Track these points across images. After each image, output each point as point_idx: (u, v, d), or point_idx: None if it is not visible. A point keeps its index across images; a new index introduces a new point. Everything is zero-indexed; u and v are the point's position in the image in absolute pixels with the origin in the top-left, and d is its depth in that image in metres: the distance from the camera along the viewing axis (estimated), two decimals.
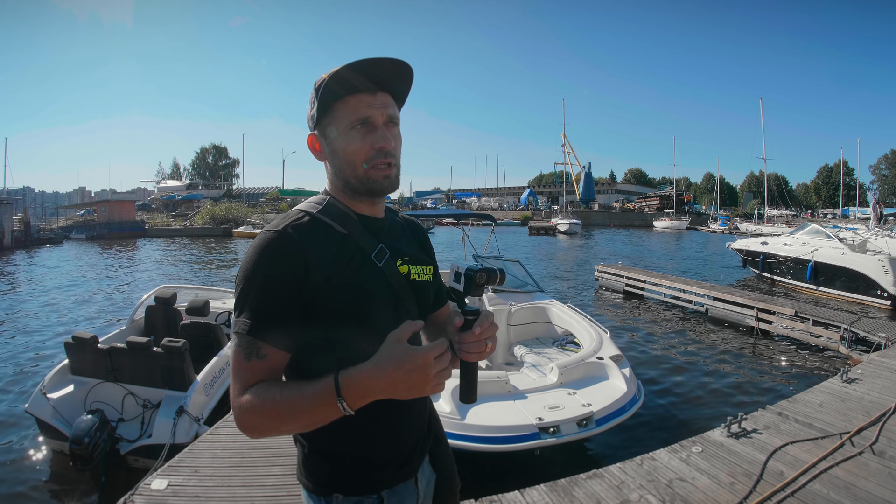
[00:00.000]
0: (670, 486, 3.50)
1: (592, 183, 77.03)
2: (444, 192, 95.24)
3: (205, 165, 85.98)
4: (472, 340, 1.16)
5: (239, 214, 48.89)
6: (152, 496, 3.49)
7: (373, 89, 1.23)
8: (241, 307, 1.15)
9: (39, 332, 10.82)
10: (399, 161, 1.31)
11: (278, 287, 1.14)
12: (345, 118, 1.24)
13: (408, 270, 1.37)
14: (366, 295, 1.24)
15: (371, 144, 1.23)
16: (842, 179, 72.47)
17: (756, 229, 45.59)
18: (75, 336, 5.35)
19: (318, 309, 1.18)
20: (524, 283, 8.38)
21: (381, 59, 1.20)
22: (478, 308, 1.19)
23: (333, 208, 1.30)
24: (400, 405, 1.20)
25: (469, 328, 1.16)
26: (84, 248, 33.54)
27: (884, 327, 8.41)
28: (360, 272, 1.25)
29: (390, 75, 1.25)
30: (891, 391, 5.17)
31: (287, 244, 1.17)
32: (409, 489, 1.39)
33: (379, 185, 1.27)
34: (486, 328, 1.17)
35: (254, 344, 1.13)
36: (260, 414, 1.08)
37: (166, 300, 6.73)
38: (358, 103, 1.22)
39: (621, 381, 5.16)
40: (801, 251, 15.46)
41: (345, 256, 1.24)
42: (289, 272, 1.15)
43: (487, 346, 1.19)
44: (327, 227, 1.26)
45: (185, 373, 5.20)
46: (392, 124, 1.28)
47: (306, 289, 1.16)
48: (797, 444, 4.04)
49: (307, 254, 1.17)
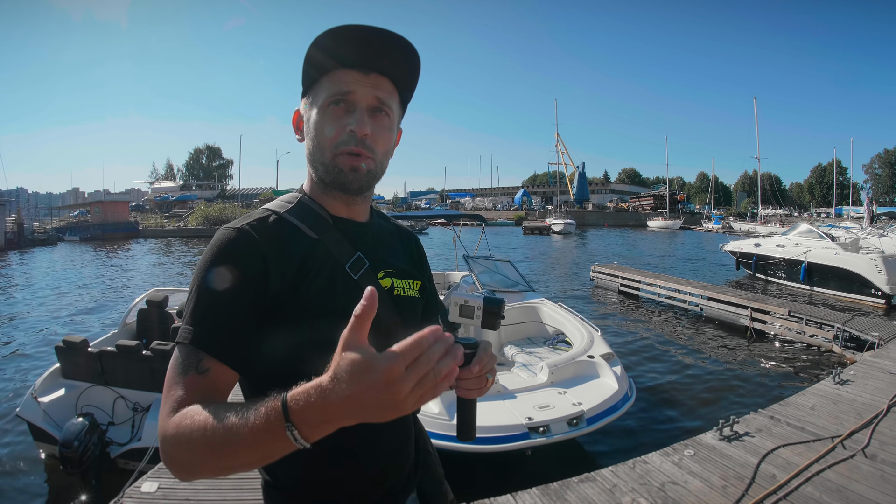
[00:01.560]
0: (662, 490, 3.49)
1: (586, 183, 77.45)
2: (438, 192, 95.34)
3: (198, 166, 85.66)
4: (472, 377, 0.99)
5: (233, 215, 48.39)
6: (142, 499, 3.46)
7: (365, 68, 1.04)
8: (187, 314, 0.96)
9: (31, 336, 10.75)
10: (379, 156, 1.09)
11: (230, 291, 0.96)
12: (324, 91, 1.06)
13: (391, 284, 1.17)
14: (335, 313, 0.92)
15: (344, 126, 1.04)
16: (835, 178, 72.88)
17: (750, 229, 45.74)
18: (66, 340, 5.33)
19: (278, 326, 0.99)
20: (515, 282, 8.36)
21: (378, 29, 1.02)
22: (476, 340, 1.01)
23: (305, 208, 1.12)
24: (370, 436, 1.07)
25: (468, 364, 0.97)
26: (78, 249, 33.43)
27: (877, 326, 8.44)
28: (330, 285, 1.05)
29: (390, 54, 1.05)
30: (883, 392, 5.17)
31: (245, 243, 1.00)
32: None
33: (343, 176, 1.06)
34: (487, 362, 1.00)
35: (194, 355, 0.92)
36: (187, 444, 0.81)
37: (158, 303, 6.72)
38: (343, 75, 1.04)
39: (612, 379, 5.14)
40: (794, 252, 15.52)
41: (313, 266, 1.05)
42: (244, 275, 0.97)
43: (488, 381, 1.03)
44: (295, 229, 1.07)
45: None
46: (379, 112, 1.07)
47: (266, 298, 0.98)
48: (789, 448, 4.03)
49: (267, 257, 1.00)
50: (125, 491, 3.53)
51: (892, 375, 5.71)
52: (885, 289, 12.81)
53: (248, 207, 56.82)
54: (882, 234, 18.09)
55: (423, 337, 0.70)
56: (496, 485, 3.75)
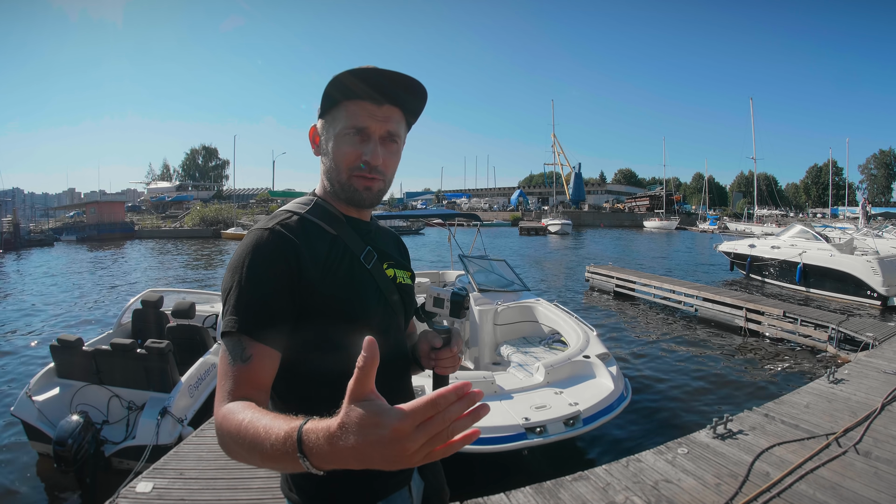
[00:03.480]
0: (656, 488, 3.49)
1: (582, 183, 77.36)
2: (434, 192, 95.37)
3: (195, 166, 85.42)
4: (450, 356, 1.25)
5: (229, 216, 48.52)
6: (137, 499, 3.47)
7: (379, 100, 1.20)
8: (229, 307, 1.09)
9: (27, 336, 10.70)
10: (389, 177, 1.29)
11: (272, 285, 1.09)
12: (342, 121, 1.21)
13: (394, 274, 1.36)
14: (358, 295, 1.22)
15: (359, 154, 1.21)
16: (831, 179, 72.95)
17: (746, 229, 45.84)
18: (60, 339, 5.32)
19: (311, 309, 1.14)
20: (510, 282, 8.35)
21: (393, 72, 1.17)
22: (448, 326, 1.28)
23: (321, 209, 1.28)
24: None
25: (448, 345, 1.25)
26: (74, 249, 33.23)
27: (871, 327, 8.47)
28: (350, 273, 1.23)
29: (403, 89, 1.22)
30: (877, 391, 5.19)
31: (280, 242, 1.13)
32: (404, 497, 1.32)
33: (358, 195, 1.26)
34: (459, 344, 1.28)
35: (239, 344, 1.05)
36: (227, 437, 0.94)
37: (153, 304, 6.74)
38: (359, 110, 1.20)
39: (608, 379, 5.13)
40: (789, 253, 15.52)
41: (335, 257, 1.22)
42: (282, 270, 1.11)
43: (458, 359, 1.29)
44: (317, 226, 1.24)
45: (169, 374, 5.21)
46: (390, 140, 1.25)
47: (299, 287, 1.12)
48: (783, 445, 4.04)
49: (300, 252, 1.14)
50: (120, 491, 3.53)
51: (887, 375, 5.73)
52: (880, 290, 12.84)
53: (244, 208, 56.88)
54: (877, 234, 18.15)
55: (440, 396, 0.70)
56: (490, 484, 3.75)
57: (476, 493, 3.46)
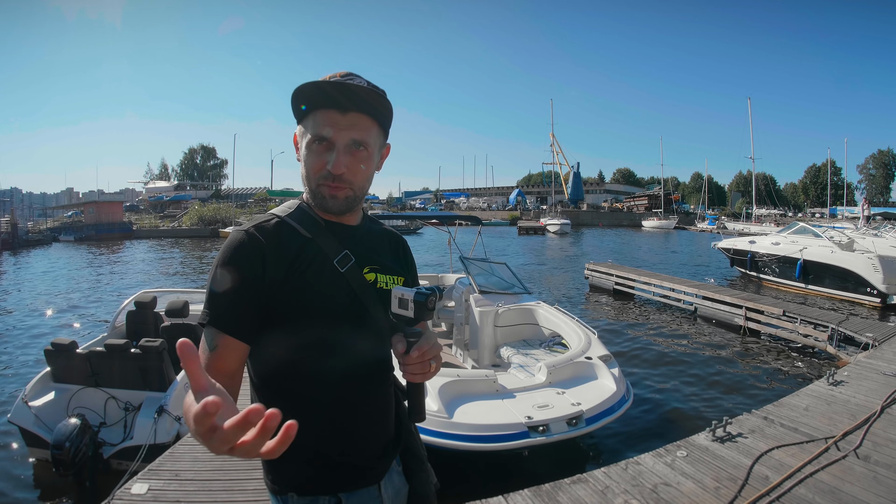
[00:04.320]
0: (655, 491, 3.46)
1: (581, 183, 77.30)
2: (432, 192, 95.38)
3: (193, 166, 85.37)
4: (414, 362, 1.20)
5: (227, 215, 48.30)
6: (132, 501, 3.45)
7: (343, 107, 1.22)
8: (205, 302, 1.20)
9: (22, 340, 10.63)
10: (358, 184, 1.29)
11: (237, 282, 1.18)
12: (310, 131, 1.24)
13: (374, 278, 1.37)
14: (324, 296, 1.26)
15: (323, 164, 1.24)
16: (829, 179, 72.99)
17: (744, 228, 45.94)
18: (55, 343, 5.29)
19: (278, 307, 1.21)
20: (511, 284, 8.33)
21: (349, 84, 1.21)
22: (420, 330, 1.23)
23: (302, 213, 1.33)
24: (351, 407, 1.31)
25: (408, 352, 1.20)
26: (72, 250, 33.12)
27: (871, 327, 8.46)
28: (318, 275, 1.26)
29: (365, 97, 1.24)
30: (877, 393, 5.16)
31: (248, 243, 1.22)
32: (372, 495, 1.37)
33: (326, 203, 1.28)
34: (428, 349, 1.21)
35: (209, 334, 1.16)
36: None
37: (147, 304, 6.71)
38: (324, 120, 1.22)
39: (610, 380, 5.13)
40: (790, 250, 15.53)
41: (304, 259, 1.26)
42: (247, 269, 1.19)
43: (431, 366, 1.24)
44: (292, 229, 1.29)
45: (165, 373, 5.20)
46: (356, 147, 1.25)
47: (264, 286, 1.20)
48: (782, 449, 4.01)
49: (266, 253, 1.21)
50: (115, 493, 3.51)
51: (886, 377, 5.70)
52: (881, 287, 12.85)
53: (242, 207, 56.65)
54: (876, 234, 18.15)
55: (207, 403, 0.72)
56: (488, 484, 3.73)
57: (474, 495, 3.43)
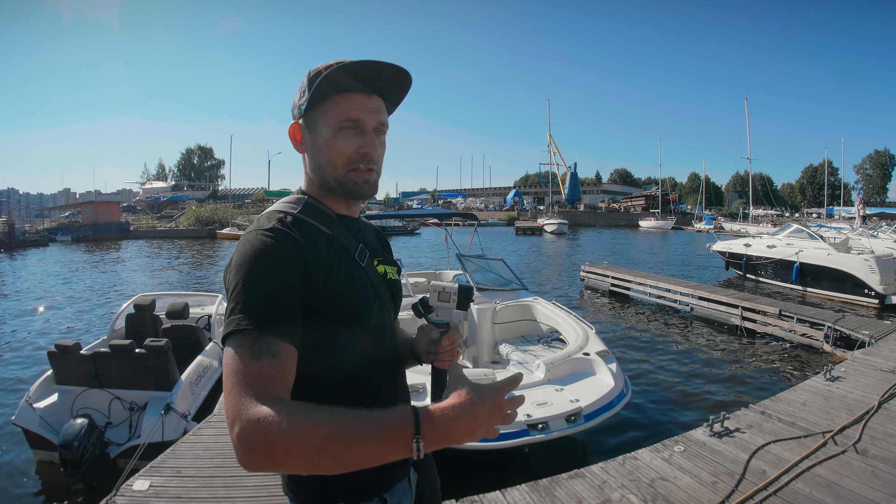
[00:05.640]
0: (652, 486, 3.48)
1: (578, 183, 77.20)
2: (430, 192, 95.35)
3: (190, 166, 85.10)
4: (445, 350, 1.29)
5: (224, 216, 48.32)
6: (134, 497, 3.45)
7: (368, 91, 1.21)
8: (239, 305, 1.01)
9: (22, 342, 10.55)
10: (380, 168, 1.29)
11: (284, 281, 1.05)
12: (335, 116, 1.19)
13: (384, 270, 1.36)
14: (358, 295, 1.21)
15: (357, 148, 1.20)
16: (826, 179, 73.14)
17: (741, 229, 45.92)
18: (58, 344, 5.27)
19: (313, 311, 1.11)
20: (508, 281, 8.34)
21: (381, 63, 1.18)
22: (447, 321, 1.32)
23: (313, 209, 1.24)
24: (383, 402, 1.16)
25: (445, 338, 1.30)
26: (69, 250, 33.07)
27: (867, 325, 8.48)
28: (349, 273, 1.22)
29: (389, 81, 1.23)
30: (874, 389, 5.18)
31: (287, 241, 1.10)
32: (405, 488, 1.34)
33: (358, 188, 1.24)
34: (456, 338, 1.31)
35: (262, 339, 0.98)
36: (294, 438, 0.87)
37: (146, 307, 6.70)
38: (351, 104, 1.19)
39: (608, 376, 5.15)
40: (785, 252, 15.50)
41: (333, 257, 1.19)
42: (293, 267, 1.08)
43: (457, 352, 1.33)
44: (313, 227, 1.19)
45: (170, 372, 5.21)
46: (380, 131, 1.25)
47: (306, 289, 1.09)
48: (780, 443, 4.03)
49: (306, 253, 1.11)
50: (117, 489, 3.51)
51: (884, 373, 5.72)
52: (878, 289, 12.85)
53: (239, 208, 56.59)
54: (872, 234, 18.17)
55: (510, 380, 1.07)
56: (486, 482, 3.73)
57: (472, 490, 3.45)
